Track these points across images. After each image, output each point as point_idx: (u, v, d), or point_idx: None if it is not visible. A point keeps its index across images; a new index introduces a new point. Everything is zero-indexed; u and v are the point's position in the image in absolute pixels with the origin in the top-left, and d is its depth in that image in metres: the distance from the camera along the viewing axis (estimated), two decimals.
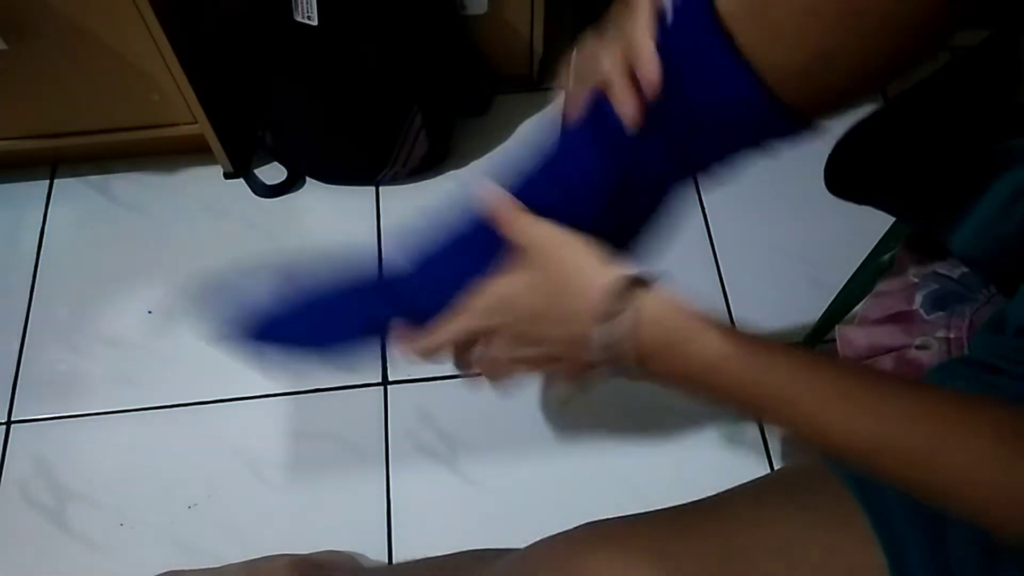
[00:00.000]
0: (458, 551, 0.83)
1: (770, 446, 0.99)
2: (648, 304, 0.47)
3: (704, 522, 0.53)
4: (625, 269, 0.49)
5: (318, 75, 1.05)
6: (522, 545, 0.58)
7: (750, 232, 1.12)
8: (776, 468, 0.98)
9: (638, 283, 0.48)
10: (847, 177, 0.58)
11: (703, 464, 0.98)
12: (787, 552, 0.49)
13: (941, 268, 0.61)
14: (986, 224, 0.49)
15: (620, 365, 0.49)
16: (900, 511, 0.48)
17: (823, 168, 0.59)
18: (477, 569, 0.67)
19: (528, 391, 1.02)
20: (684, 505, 0.55)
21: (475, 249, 0.56)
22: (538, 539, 0.57)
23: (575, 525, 0.56)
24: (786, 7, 0.42)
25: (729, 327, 0.47)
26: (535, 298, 0.51)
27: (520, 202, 0.53)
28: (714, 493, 0.56)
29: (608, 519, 0.56)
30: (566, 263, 0.50)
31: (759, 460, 0.98)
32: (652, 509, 0.55)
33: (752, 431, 1.00)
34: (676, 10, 0.47)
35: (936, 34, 0.41)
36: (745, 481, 0.57)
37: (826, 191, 0.60)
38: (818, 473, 0.53)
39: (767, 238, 1.12)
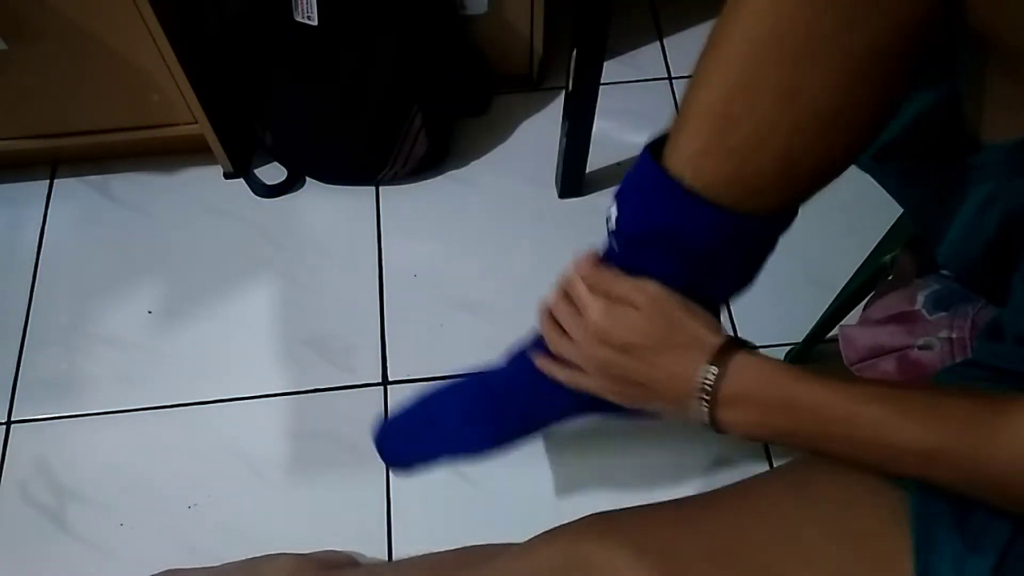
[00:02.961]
0: (460, 547, 0.83)
1: (770, 446, 0.99)
2: (748, 359, 0.52)
3: (708, 513, 0.53)
4: (726, 333, 0.53)
5: (318, 75, 1.05)
6: None
7: None
8: (777, 466, 0.98)
9: (739, 344, 0.53)
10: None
11: (703, 464, 0.98)
12: (793, 542, 0.49)
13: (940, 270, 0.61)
14: (962, 237, 0.51)
15: (707, 409, 0.52)
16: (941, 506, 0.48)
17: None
18: (480, 562, 0.67)
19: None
20: (689, 497, 0.55)
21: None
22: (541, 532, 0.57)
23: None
24: (765, 162, 0.47)
25: (816, 378, 0.50)
26: (638, 336, 0.54)
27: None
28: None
29: (612, 511, 0.56)
30: (670, 311, 0.53)
31: (759, 460, 0.98)
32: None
33: None
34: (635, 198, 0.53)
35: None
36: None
37: (826, 191, 0.60)
38: (824, 468, 0.54)
39: None
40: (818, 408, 0.48)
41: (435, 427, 0.70)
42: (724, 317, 1.06)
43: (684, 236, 0.51)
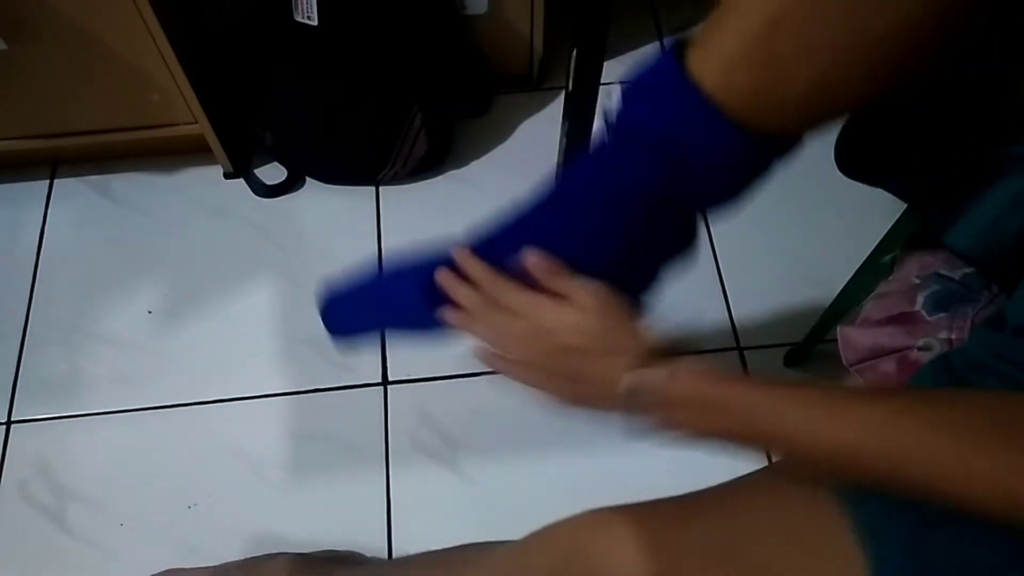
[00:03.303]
0: (460, 544, 0.83)
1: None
2: (681, 364, 0.50)
3: (708, 508, 0.53)
4: (663, 336, 0.52)
5: (318, 75, 1.05)
6: None
7: (750, 232, 1.12)
8: (776, 461, 0.98)
9: (674, 348, 0.51)
10: (858, 157, 0.58)
11: (703, 464, 0.97)
12: (791, 537, 0.49)
13: (943, 269, 0.61)
14: (988, 225, 0.49)
15: (639, 411, 0.51)
16: (884, 514, 0.48)
17: (833, 149, 0.59)
18: (480, 558, 0.67)
19: (527, 395, 1.02)
20: (689, 493, 0.55)
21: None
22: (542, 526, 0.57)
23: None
24: (797, 81, 0.43)
25: (758, 381, 0.48)
26: (576, 337, 0.52)
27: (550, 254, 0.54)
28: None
29: (611, 505, 0.56)
30: (612, 314, 0.52)
31: (759, 459, 0.98)
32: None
33: None
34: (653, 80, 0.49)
35: (939, 52, 0.43)
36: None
37: (826, 191, 0.60)
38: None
39: (767, 238, 1.12)
40: (745, 409, 0.47)
41: (384, 298, 0.67)
42: (725, 318, 1.06)
43: (686, 146, 0.49)
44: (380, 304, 0.66)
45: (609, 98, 0.50)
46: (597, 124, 1.04)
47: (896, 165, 0.58)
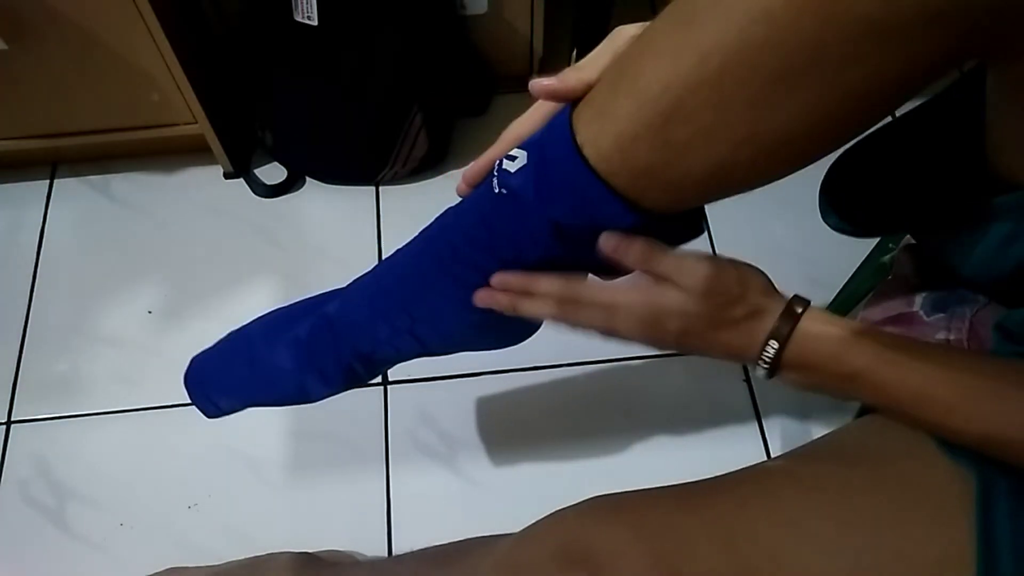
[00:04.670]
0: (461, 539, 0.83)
1: (769, 445, 0.99)
2: (806, 328, 0.50)
3: (709, 499, 0.53)
4: (783, 297, 0.53)
5: (318, 75, 1.05)
6: None
7: (750, 232, 1.12)
8: (775, 456, 0.98)
9: (799, 306, 0.51)
10: (842, 208, 0.58)
11: (704, 464, 0.97)
12: (793, 526, 0.49)
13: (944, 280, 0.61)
14: (985, 261, 0.49)
15: (754, 367, 0.52)
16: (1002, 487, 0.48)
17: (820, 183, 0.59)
18: (481, 550, 0.67)
19: (528, 395, 1.02)
20: (689, 483, 0.55)
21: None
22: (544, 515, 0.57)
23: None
24: (690, 167, 0.43)
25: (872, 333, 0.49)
26: (689, 322, 0.51)
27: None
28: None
29: (612, 493, 0.56)
30: (720, 289, 0.51)
31: (758, 453, 0.98)
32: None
33: (751, 430, 1.00)
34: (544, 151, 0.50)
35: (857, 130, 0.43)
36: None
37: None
38: (827, 455, 0.54)
39: (767, 238, 1.12)
40: (883, 387, 0.48)
41: (267, 373, 0.67)
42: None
43: (576, 220, 0.48)
44: (255, 378, 0.68)
45: None
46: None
47: (883, 215, 0.58)
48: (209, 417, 0.70)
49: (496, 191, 0.52)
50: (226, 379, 0.69)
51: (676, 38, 0.41)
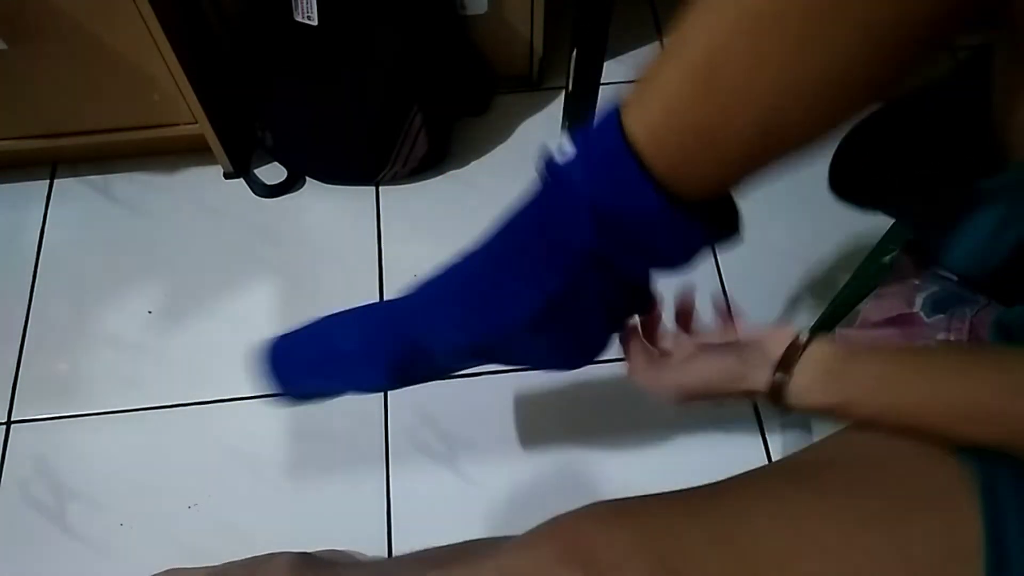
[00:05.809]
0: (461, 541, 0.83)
1: (769, 446, 0.99)
2: (806, 362, 0.56)
3: (709, 502, 0.53)
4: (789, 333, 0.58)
5: (318, 75, 1.05)
6: None
7: (750, 232, 1.12)
8: (776, 460, 0.98)
9: (803, 343, 0.57)
10: (850, 180, 0.59)
11: (704, 464, 0.98)
12: (795, 529, 0.49)
13: (942, 270, 0.61)
14: (977, 248, 0.50)
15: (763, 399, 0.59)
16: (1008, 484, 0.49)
17: (827, 170, 0.60)
18: (481, 553, 0.67)
19: (528, 395, 1.02)
20: (690, 488, 0.55)
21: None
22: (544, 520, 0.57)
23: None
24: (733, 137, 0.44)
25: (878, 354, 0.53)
26: (720, 370, 0.62)
27: None
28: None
29: (613, 499, 0.56)
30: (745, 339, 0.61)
31: (759, 458, 0.98)
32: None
33: (751, 429, 1.00)
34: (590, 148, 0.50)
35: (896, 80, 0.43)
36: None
37: (826, 191, 0.60)
38: (829, 458, 0.55)
39: (767, 238, 1.12)
40: (884, 411, 0.52)
41: (333, 355, 0.68)
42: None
43: (617, 212, 0.49)
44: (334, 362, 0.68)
45: (609, 98, 0.50)
46: None
47: (888, 190, 0.59)
48: (289, 398, 0.72)
49: (551, 173, 0.53)
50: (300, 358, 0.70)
51: (693, 25, 0.43)
